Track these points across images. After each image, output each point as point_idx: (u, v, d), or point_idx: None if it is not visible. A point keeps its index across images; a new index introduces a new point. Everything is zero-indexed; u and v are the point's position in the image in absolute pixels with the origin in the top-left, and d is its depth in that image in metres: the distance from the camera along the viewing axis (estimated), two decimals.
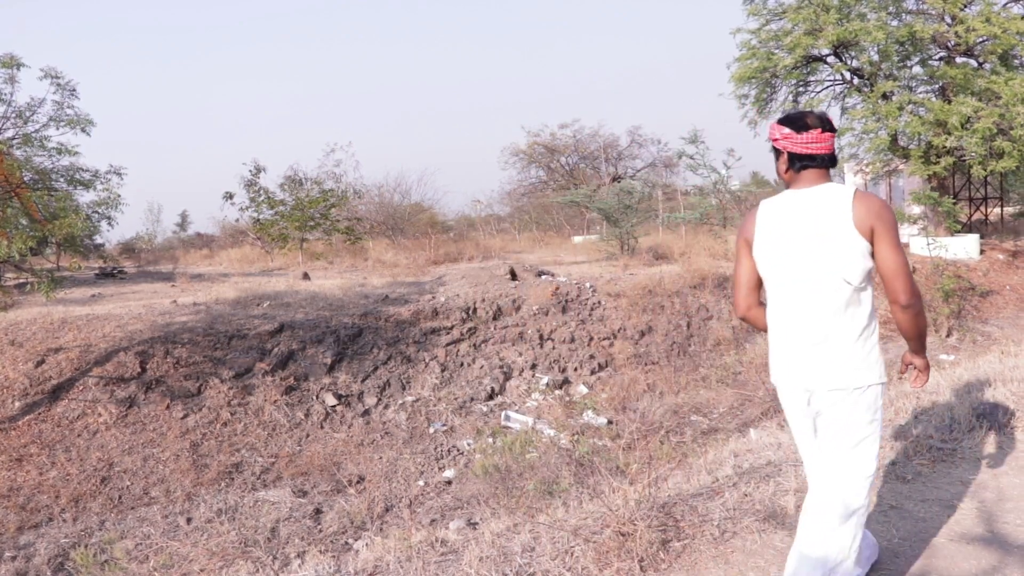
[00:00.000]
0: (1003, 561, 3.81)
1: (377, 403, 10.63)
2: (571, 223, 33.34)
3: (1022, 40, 18.13)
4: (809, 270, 3.10)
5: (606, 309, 13.40)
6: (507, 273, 14.43)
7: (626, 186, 23.71)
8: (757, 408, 10.19)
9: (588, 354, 12.38)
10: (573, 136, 39.61)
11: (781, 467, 4.99)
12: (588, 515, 4.37)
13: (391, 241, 25.87)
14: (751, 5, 19.84)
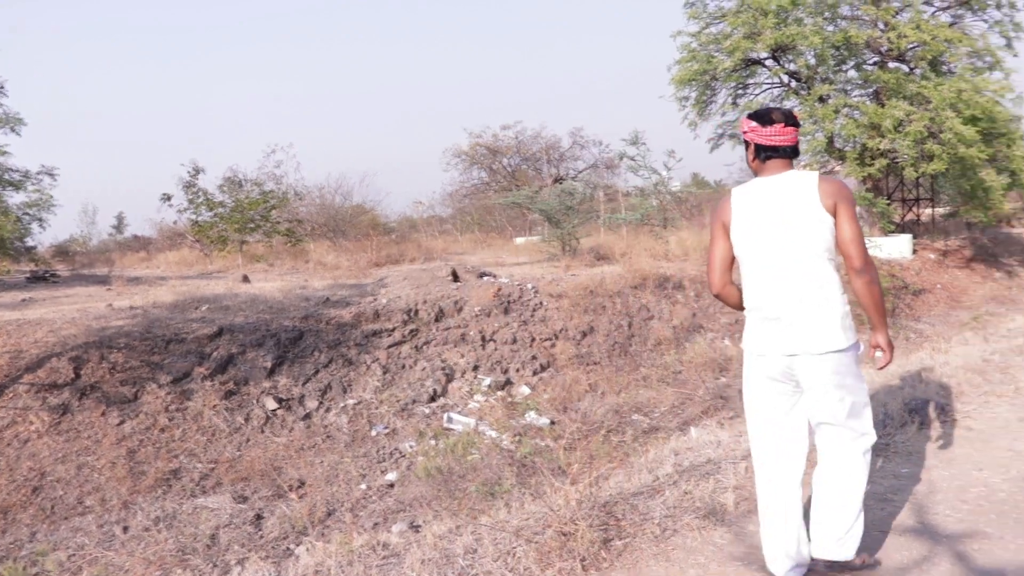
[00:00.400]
0: (933, 551, 3.91)
1: (318, 406, 10.54)
2: (513, 224, 33.38)
3: (950, 47, 18.62)
4: (784, 247, 3.49)
5: (548, 310, 13.44)
6: (449, 274, 14.41)
7: (568, 187, 23.82)
8: (698, 407, 10.30)
9: (530, 355, 12.41)
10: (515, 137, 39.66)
11: (721, 465, 5.05)
12: (530, 516, 4.38)
13: (332, 243, 25.67)
14: (691, 9, 20.10)
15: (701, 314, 14.85)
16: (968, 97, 17.35)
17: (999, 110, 18.50)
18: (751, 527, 4.22)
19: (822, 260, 3.47)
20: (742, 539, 4.08)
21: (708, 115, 21.73)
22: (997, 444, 5.44)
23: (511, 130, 39.45)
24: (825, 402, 3.52)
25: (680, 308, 14.66)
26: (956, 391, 6.68)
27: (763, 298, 3.59)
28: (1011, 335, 9.12)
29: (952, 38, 18.62)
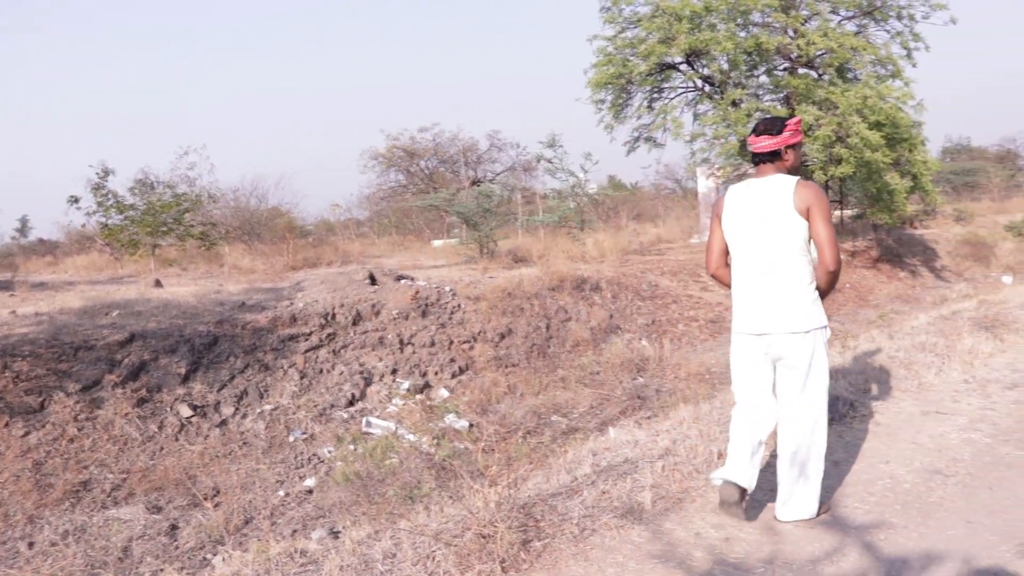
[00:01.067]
0: (843, 542, 4.03)
1: (234, 413, 10.36)
2: (431, 227, 33.30)
3: (855, 55, 19.20)
4: (762, 240, 4.10)
5: (466, 312, 13.44)
6: (366, 278, 14.29)
7: (485, 189, 23.85)
8: (616, 407, 10.41)
9: (449, 357, 12.39)
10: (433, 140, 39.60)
11: (638, 464, 5.12)
12: (449, 519, 4.38)
13: (248, 246, 25.24)
14: (607, 13, 20.29)
15: (618, 315, 15.02)
16: (873, 103, 17.89)
17: (901, 116, 19.11)
18: (669, 525, 4.29)
19: (794, 254, 4.05)
20: (660, 537, 4.14)
21: (624, 118, 21.97)
22: (902, 437, 5.64)
23: (428, 132, 39.41)
24: (789, 377, 4.18)
25: (597, 309, 14.81)
26: (863, 387, 6.89)
27: (744, 283, 4.22)
28: (914, 333, 9.43)
29: (857, 46, 19.20)
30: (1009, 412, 6.16)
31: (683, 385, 10.69)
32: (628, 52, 20.06)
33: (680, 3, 19.10)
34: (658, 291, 16.44)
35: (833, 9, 20.79)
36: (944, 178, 41.97)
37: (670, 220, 29.67)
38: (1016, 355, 8.15)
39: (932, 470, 4.97)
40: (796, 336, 4.07)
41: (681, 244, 24.17)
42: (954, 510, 4.37)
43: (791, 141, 4.22)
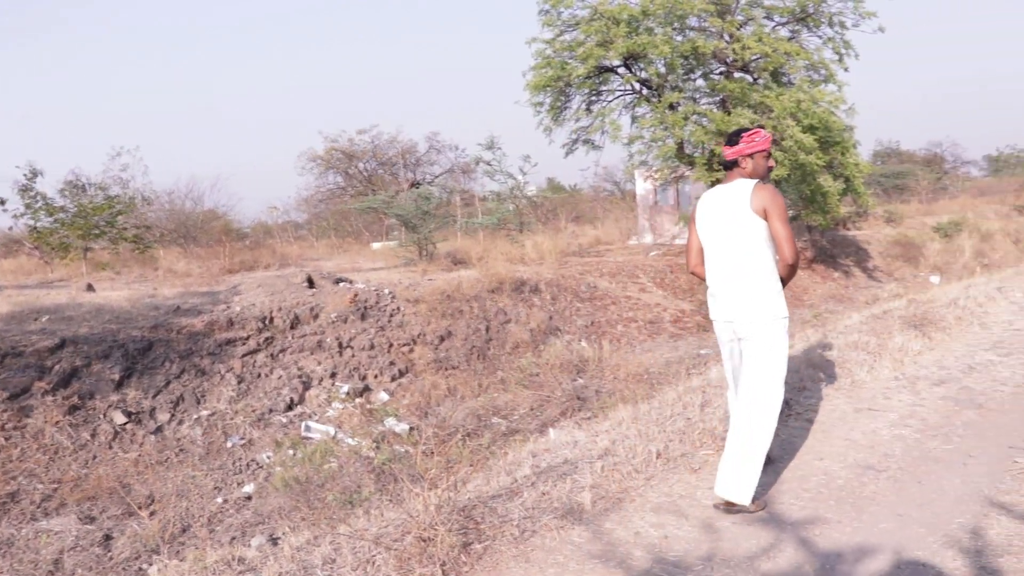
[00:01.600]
0: (779, 538, 4.09)
1: (170, 419, 10.20)
2: (370, 229, 33.09)
3: (789, 59, 19.53)
4: (726, 239, 4.54)
5: (405, 315, 13.39)
6: (304, 281, 14.16)
7: (424, 192, 23.77)
8: (556, 408, 10.45)
9: (388, 360, 12.34)
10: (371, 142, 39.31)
11: (578, 465, 5.14)
12: (389, 523, 4.36)
13: (183, 249, 24.83)
14: (546, 16, 20.33)
15: (558, 316, 15.08)
16: (806, 107, 18.20)
17: (834, 120, 19.46)
18: (608, 525, 4.32)
19: (755, 251, 4.46)
20: (600, 537, 4.17)
21: (563, 121, 22.03)
22: (835, 434, 5.74)
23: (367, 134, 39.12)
24: (747, 361, 4.56)
25: (537, 311, 14.85)
26: (798, 386, 7.00)
27: (713, 277, 4.67)
28: (847, 332, 9.60)
29: (791, 51, 19.52)
30: (937, 408, 6.31)
31: (622, 386, 10.77)
32: (566, 55, 20.13)
33: (618, 7, 19.23)
34: (597, 292, 16.55)
35: (767, 15, 21.13)
36: (875, 181, 42.88)
37: (609, 222, 29.86)
38: (943, 353, 8.35)
39: (865, 466, 5.07)
40: (756, 324, 4.48)
41: (620, 246, 24.35)
42: (885, 504, 4.47)
43: (746, 151, 4.56)
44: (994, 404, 6.38)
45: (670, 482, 4.90)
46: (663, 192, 25.17)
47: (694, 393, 6.91)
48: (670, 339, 15.33)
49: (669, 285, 17.87)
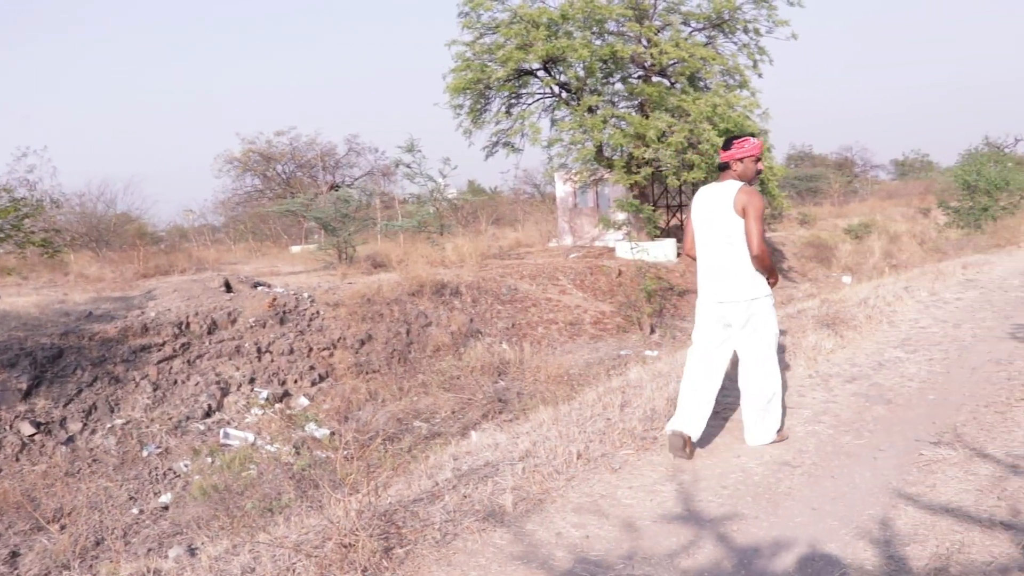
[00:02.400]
0: (699, 535, 4.15)
1: (83, 429, 9.92)
2: (288, 233, 32.65)
3: (705, 64, 19.90)
4: (715, 231, 5.22)
5: (325, 319, 13.26)
6: (222, 285, 13.93)
7: (343, 194, 23.55)
8: (477, 411, 10.46)
9: (308, 365, 12.20)
10: (290, 144, 38.76)
11: (499, 467, 5.15)
12: (309, 529, 4.31)
13: (95, 254, 24.16)
14: (466, 19, 20.34)
15: (478, 319, 15.09)
16: (722, 111, 18.56)
17: (749, 124, 19.89)
18: (530, 526, 4.33)
19: (735, 243, 5.14)
20: (522, 539, 4.18)
21: (483, 123, 22.07)
22: None
23: (285, 136, 38.56)
24: (740, 336, 5.29)
25: (458, 314, 14.84)
26: None
27: (703, 262, 5.35)
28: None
29: (707, 56, 19.90)
30: (849, 405, 6.49)
31: (543, 387, 10.83)
32: (486, 58, 20.18)
33: (537, 10, 19.38)
34: (518, 295, 16.61)
35: (684, 20, 21.51)
36: (789, 183, 43.93)
37: (529, 224, 29.96)
38: (854, 351, 8.58)
39: (780, 462, 5.18)
40: (739, 304, 5.19)
41: (540, 248, 24.46)
42: (800, 499, 4.58)
43: (737, 156, 5.23)
44: (902, 400, 6.59)
45: (591, 482, 4.94)
46: (583, 194, 25.39)
47: (614, 394, 6.98)
48: (590, 340, 15.46)
49: (589, 287, 18.01)
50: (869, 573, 3.68)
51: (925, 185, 44.93)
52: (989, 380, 7.09)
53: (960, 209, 28.97)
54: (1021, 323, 9.79)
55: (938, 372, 7.49)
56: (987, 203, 28.13)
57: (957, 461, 5.03)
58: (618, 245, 21.38)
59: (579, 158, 20.30)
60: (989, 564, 3.72)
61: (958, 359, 7.99)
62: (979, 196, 28.42)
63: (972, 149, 36.20)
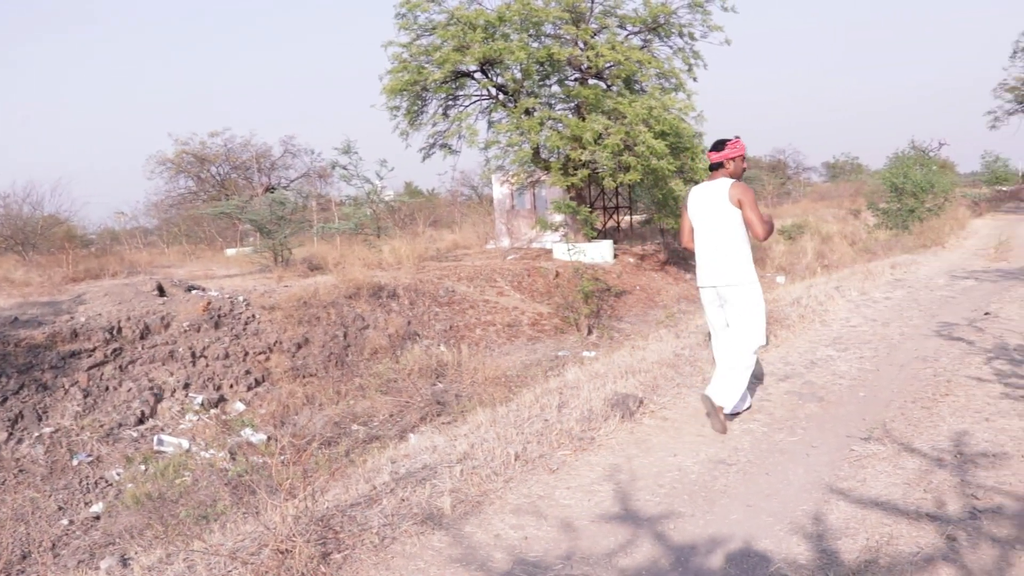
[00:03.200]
0: (636, 534, 4.18)
1: (8, 438, 9.66)
2: (223, 235, 32.18)
3: (641, 68, 20.10)
4: (711, 223, 5.88)
5: (261, 323, 13.09)
6: (155, 289, 13.67)
7: (279, 196, 23.27)
8: (416, 414, 10.42)
9: (244, 370, 12.04)
10: (224, 145, 38.18)
11: (437, 470, 5.14)
12: (246, 536, 4.26)
13: (21, 257, 23.54)
14: (402, 20, 20.26)
15: (416, 321, 15.03)
16: (658, 114, 18.74)
17: (684, 126, 20.11)
18: (469, 528, 4.33)
19: (731, 232, 5.80)
20: (460, 541, 4.17)
21: (419, 125, 22.00)
22: (688, 431, 5.93)
23: (219, 137, 37.99)
24: (731, 313, 5.94)
25: (395, 316, 14.77)
26: (652, 384, 7.19)
27: (701, 251, 6.03)
28: (699, 331, 9.92)
29: (643, 60, 20.08)
30: (782, 403, 6.60)
31: (481, 389, 10.83)
32: (423, 59, 20.12)
33: (474, 12, 19.38)
34: (455, 297, 16.58)
35: (621, 24, 21.68)
36: None
37: (466, 226, 29.96)
38: (788, 349, 8.73)
39: (716, 460, 5.25)
40: (730, 287, 5.85)
41: (478, 250, 24.46)
42: (736, 496, 4.64)
43: (730, 155, 5.90)
44: (834, 397, 6.73)
45: (529, 483, 4.95)
46: (520, 196, 25.46)
47: (551, 395, 7.01)
48: (528, 342, 15.49)
49: (527, 288, 18.05)
50: (802, 567, 3.75)
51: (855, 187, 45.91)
52: (916, 377, 7.28)
53: (888, 211, 29.63)
54: (946, 321, 10.05)
55: (868, 370, 7.66)
56: (914, 205, 28.84)
57: (886, 456, 5.15)
58: (555, 247, 21.47)
59: (516, 160, 20.35)
60: (916, 555, 3.82)
61: (887, 357, 8.18)
62: (906, 198, 29.12)
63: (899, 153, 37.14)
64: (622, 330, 16.23)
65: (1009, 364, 7.58)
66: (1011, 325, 9.59)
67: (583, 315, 16.03)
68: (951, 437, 5.48)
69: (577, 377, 7.85)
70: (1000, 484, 4.62)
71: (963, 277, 14.62)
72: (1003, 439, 5.39)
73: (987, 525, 4.10)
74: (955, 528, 4.07)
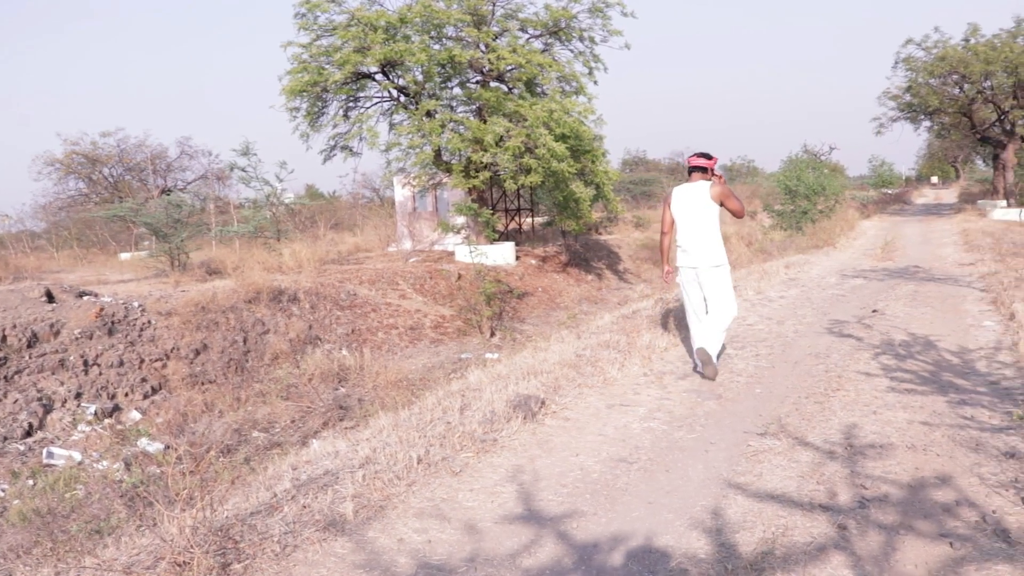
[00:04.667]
0: (540, 534, 4.21)
1: None
2: (117, 239, 31.21)
3: (542, 71, 20.25)
4: (694, 217, 7.33)
5: (157, 329, 12.75)
6: (43, 295, 13.17)
7: (175, 199, 22.74)
8: (318, 419, 10.28)
9: (140, 377, 11.71)
10: (117, 146, 37.10)
11: (339, 475, 5.08)
12: (141, 550, 4.14)
13: None
14: (302, 20, 19.96)
15: (317, 325, 14.84)
16: (558, 117, 18.88)
17: (584, 129, 20.34)
18: (372, 533, 4.29)
19: (713, 224, 7.34)
20: (363, 546, 4.13)
21: (320, 127, 21.71)
22: (590, 430, 5.99)
23: (112, 138, 36.90)
24: (712, 289, 7.41)
25: (296, 321, 14.56)
26: (554, 385, 7.25)
27: (684, 239, 7.45)
28: (599, 331, 10.04)
29: (544, 63, 20.24)
30: (682, 401, 6.73)
31: (384, 393, 10.76)
32: (323, 60, 19.85)
33: (375, 13, 19.21)
34: (357, 300, 16.43)
35: (522, 27, 21.80)
36: (624, 187, 45.17)
37: (368, 229, 29.71)
38: (687, 349, 8.90)
39: (617, 459, 5.32)
40: (709, 268, 7.36)
41: (379, 253, 24.30)
42: (637, 494, 4.71)
43: (712, 164, 7.47)
44: (731, 394, 6.89)
45: (432, 487, 4.94)
46: (422, 199, 25.38)
47: (454, 397, 7.00)
48: (431, 345, 15.45)
49: (429, 291, 18.00)
50: (702, 561, 3.83)
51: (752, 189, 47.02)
52: (809, 373, 7.51)
53: (783, 212, 30.46)
54: (837, 319, 10.39)
55: (764, 367, 7.87)
56: (806, 207, 29.70)
57: (781, 450, 5.30)
58: (457, 249, 21.47)
59: (417, 162, 20.27)
60: (809, 544, 3.94)
61: (782, 354, 8.42)
62: (799, 200, 29.97)
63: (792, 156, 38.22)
64: (524, 332, 16.32)
65: (894, 359, 7.89)
66: (896, 322, 9.98)
67: (485, 317, 16.06)
68: (842, 430, 5.67)
69: (479, 379, 7.86)
70: (886, 473, 4.81)
71: (853, 276, 15.14)
72: (889, 431, 5.61)
73: (874, 513, 4.27)
74: (846, 517, 4.22)
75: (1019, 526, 4.05)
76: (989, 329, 9.26)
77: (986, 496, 4.44)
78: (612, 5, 21.47)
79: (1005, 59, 28.90)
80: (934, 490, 4.55)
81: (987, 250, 18.28)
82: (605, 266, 25.54)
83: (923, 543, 3.92)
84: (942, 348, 8.34)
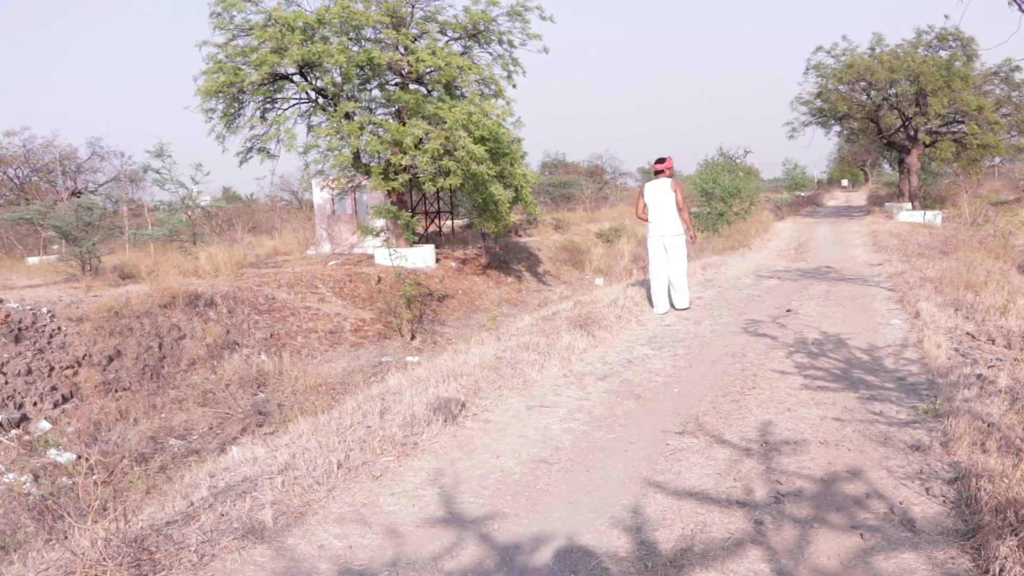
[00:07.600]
0: (461, 536, 4.23)
1: None
2: (24, 243, 30.23)
3: (461, 73, 20.26)
4: (660, 201, 11.14)
5: (68, 335, 12.40)
6: None
7: (86, 201, 22.09)
8: (237, 425, 10.13)
9: (49, 386, 11.37)
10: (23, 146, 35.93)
11: (258, 482, 5.01)
12: (50, 565, 4.03)
13: None
14: (217, 19, 19.60)
15: (235, 330, 14.61)
16: (478, 119, 18.91)
17: (503, 132, 20.40)
18: (292, 540, 4.24)
19: (673, 207, 11.07)
20: (283, 553, 4.09)
21: (236, 128, 21.32)
22: (511, 432, 6.01)
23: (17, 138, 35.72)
24: (671, 255, 11.10)
25: (213, 326, 14.31)
26: (475, 387, 7.25)
27: (654, 217, 11.16)
28: (519, 333, 10.08)
29: (463, 66, 20.24)
30: (601, 401, 6.80)
31: (303, 398, 10.65)
32: (240, 60, 19.52)
33: (292, 14, 18.98)
34: (276, 304, 16.22)
35: (441, 29, 21.78)
36: (544, 190, 45.47)
37: (287, 232, 29.34)
38: (606, 350, 9.00)
39: (538, 460, 5.36)
40: (672, 237, 11.02)
41: (298, 256, 24.02)
42: (558, 494, 4.75)
43: (669, 166, 11.17)
44: (650, 394, 6.99)
45: (352, 491, 4.91)
46: (341, 201, 25.17)
47: (373, 401, 6.96)
48: (351, 348, 15.33)
49: (349, 294, 17.86)
50: (623, 559, 3.88)
51: None
52: (726, 372, 7.66)
53: (700, 214, 30.98)
54: (753, 319, 10.61)
55: (682, 366, 8.00)
56: (723, 209, 30.28)
57: (699, 448, 5.40)
58: (377, 252, 21.35)
59: (336, 164, 20.07)
60: (727, 540, 4.03)
61: (699, 354, 8.57)
62: (716, 203, 30.55)
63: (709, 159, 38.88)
64: (445, 334, 16.30)
65: (808, 357, 8.10)
66: (809, 321, 10.24)
67: (406, 320, 16.01)
68: (758, 427, 5.80)
69: (400, 383, 7.83)
70: (800, 469, 4.94)
71: (768, 276, 15.48)
72: (803, 427, 5.76)
73: (789, 507, 4.38)
74: (762, 512, 4.32)
75: (924, 516, 4.20)
76: (896, 327, 9.56)
77: (894, 488, 4.59)
78: (531, 9, 21.59)
79: (907, 68, 29.85)
80: (845, 484, 4.69)
81: (894, 251, 18.84)
82: (525, 268, 25.65)
83: (835, 535, 4.04)
84: (853, 346, 8.59)
